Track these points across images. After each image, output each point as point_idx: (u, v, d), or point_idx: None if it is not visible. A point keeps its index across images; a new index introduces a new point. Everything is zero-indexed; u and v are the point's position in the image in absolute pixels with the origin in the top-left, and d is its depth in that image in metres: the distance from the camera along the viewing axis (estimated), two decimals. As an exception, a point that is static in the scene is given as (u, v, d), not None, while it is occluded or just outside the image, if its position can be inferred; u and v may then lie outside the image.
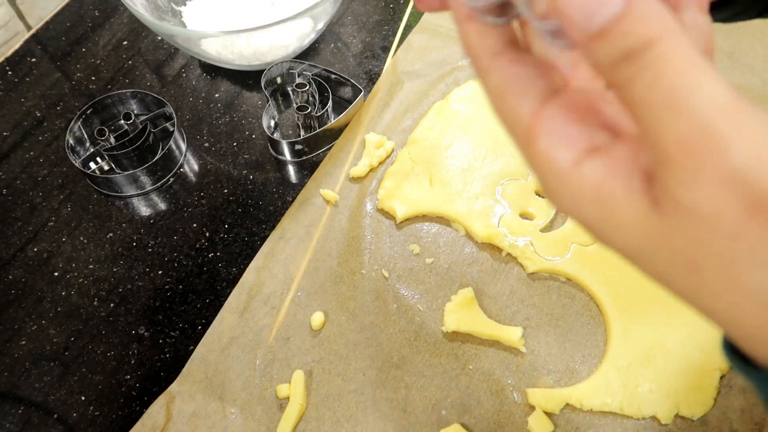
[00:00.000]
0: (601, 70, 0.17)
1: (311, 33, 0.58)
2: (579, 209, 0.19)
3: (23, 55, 0.62)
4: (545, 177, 0.19)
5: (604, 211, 0.18)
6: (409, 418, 0.40)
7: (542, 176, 0.20)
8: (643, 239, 0.17)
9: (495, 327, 0.42)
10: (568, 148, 0.19)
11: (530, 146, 0.19)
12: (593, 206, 0.18)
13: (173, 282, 0.47)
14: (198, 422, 0.40)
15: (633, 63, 0.16)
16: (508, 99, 0.20)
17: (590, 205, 0.18)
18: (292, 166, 0.53)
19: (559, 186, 0.19)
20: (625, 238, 0.18)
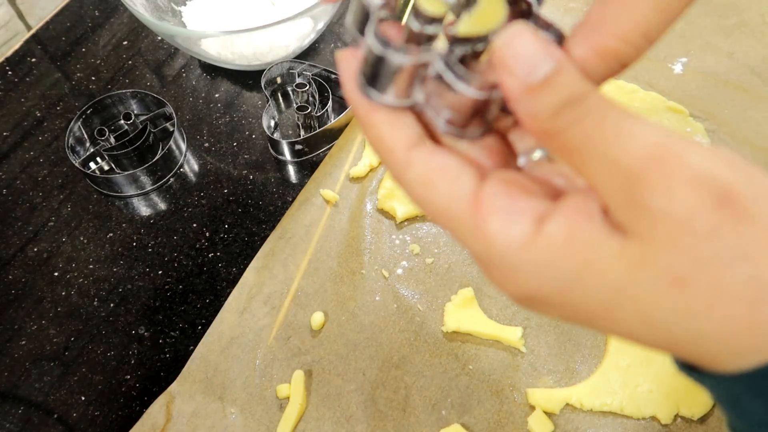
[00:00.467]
0: (540, 122, 0.18)
1: (311, 33, 0.58)
2: (552, 274, 0.18)
3: (23, 55, 0.62)
4: (504, 257, 0.19)
5: (580, 262, 0.18)
6: (409, 418, 0.39)
7: (500, 257, 0.19)
8: (626, 273, 0.17)
9: (495, 327, 0.42)
10: (523, 220, 0.18)
11: (478, 230, 0.19)
12: (568, 262, 0.18)
13: (173, 282, 0.47)
14: (198, 422, 0.40)
15: (575, 107, 0.18)
16: (440, 187, 0.19)
17: (565, 262, 0.18)
18: (292, 166, 0.53)
19: (523, 262, 0.18)
20: (607, 281, 0.18)
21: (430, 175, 0.20)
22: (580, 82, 0.18)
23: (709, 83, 0.55)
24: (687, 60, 0.57)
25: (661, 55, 0.57)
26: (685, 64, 0.57)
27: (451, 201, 0.19)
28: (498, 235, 0.18)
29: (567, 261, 0.18)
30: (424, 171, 0.20)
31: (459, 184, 0.19)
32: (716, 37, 0.58)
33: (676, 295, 0.17)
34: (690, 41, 0.58)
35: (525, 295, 0.19)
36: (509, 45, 0.18)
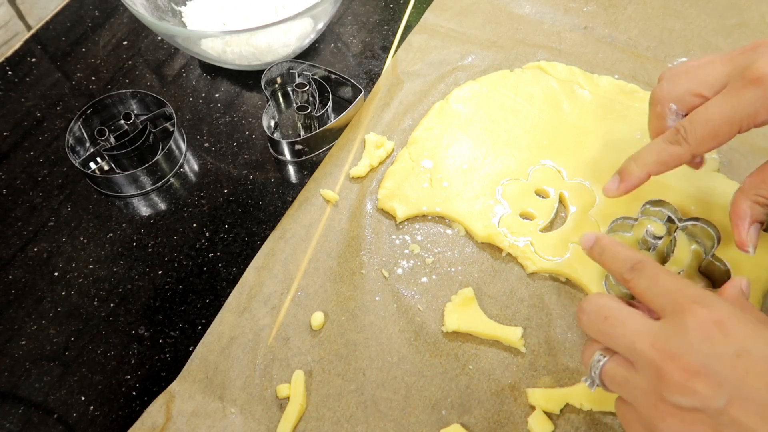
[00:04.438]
0: (618, 278, 0.35)
1: (311, 33, 0.58)
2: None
3: (23, 55, 0.62)
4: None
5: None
6: (409, 418, 0.39)
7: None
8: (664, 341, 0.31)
9: (495, 327, 0.42)
10: None
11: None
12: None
13: (173, 282, 0.47)
14: (198, 422, 0.40)
15: (635, 274, 0.34)
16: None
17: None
18: (292, 166, 0.53)
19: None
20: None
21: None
22: (632, 252, 0.36)
23: (709, 83, 0.55)
24: (687, 60, 0.57)
25: (661, 55, 0.57)
26: (685, 64, 0.57)
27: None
28: None
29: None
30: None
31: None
32: (716, 37, 0.58)
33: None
34: (690, 41, 0.58)
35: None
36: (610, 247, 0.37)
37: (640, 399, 0.30)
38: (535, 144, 0.51)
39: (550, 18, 0.61)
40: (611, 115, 0.52)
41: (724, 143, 0.37)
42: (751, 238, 0.39)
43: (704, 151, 0.38)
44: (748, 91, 0.35)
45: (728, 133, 0.36)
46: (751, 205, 0.38)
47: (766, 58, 0.34)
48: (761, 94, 0.34)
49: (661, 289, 0.32)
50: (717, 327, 0.28)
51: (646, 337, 0.30)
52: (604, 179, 0.48)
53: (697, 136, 0.37)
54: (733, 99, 0.35)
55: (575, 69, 0.56)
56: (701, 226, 0.43)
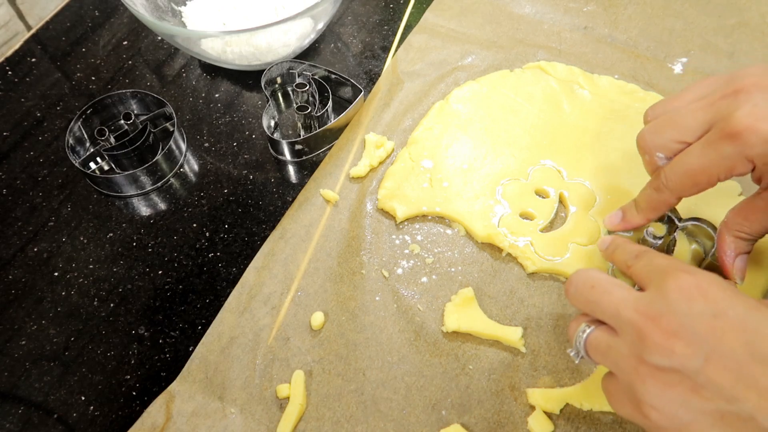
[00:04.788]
0: (623, 267, 0.37)
1: (311, 33, 0.58)
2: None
3: (23, 55, 0.62)
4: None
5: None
6: (409, 418, 0.39)
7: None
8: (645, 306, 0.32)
9: (495, 327, 0.42)
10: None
11: None
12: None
13: (173, 282, 0.47)
14: (198, 422, 0.40)
15: (636, 260, 0.35)
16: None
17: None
18: (292, 166, 0.53)
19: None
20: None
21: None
22: (631, 246, 0.38)
23: (709, 83, 0.55)
24: (687, 60, 0.57)
25: (661, 55, 0.57)
26: (685, 64, 0.57)
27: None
28: None
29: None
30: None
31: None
32: (716, 37, 0.58)
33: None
34: (690, 41, 0.58)
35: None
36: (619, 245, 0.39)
37: (622, 364, 0.31)
38: (535, 144, 0.51)
39: (550, 18, 0.61)
40: (611, 115, 0.52)
41: (706, 189, 0.38)
42: (738, 270, 0.40)
43: (687, 195, 0.39)
44: (725, 145, 0.35)
45: (708, 183, 0.37)
46: (734, 240, 0.40)
47: (744, 109, 0.34)
48: (737, 149, 0.34)
49: (654, 266, 0.33)
50: (696, 289, 0.30)
51: (630, 303, 0.31)
52: (604, 179, 0.48)
53: (678, 184, 0.38)
54: (710, 151, 0.36)
55: (575, 69, 0.56)
56: (701, 227, 0.43)
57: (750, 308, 0.29)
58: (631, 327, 0.30)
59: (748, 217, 0.39)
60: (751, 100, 0.34)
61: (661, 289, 0.30)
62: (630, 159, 0.49)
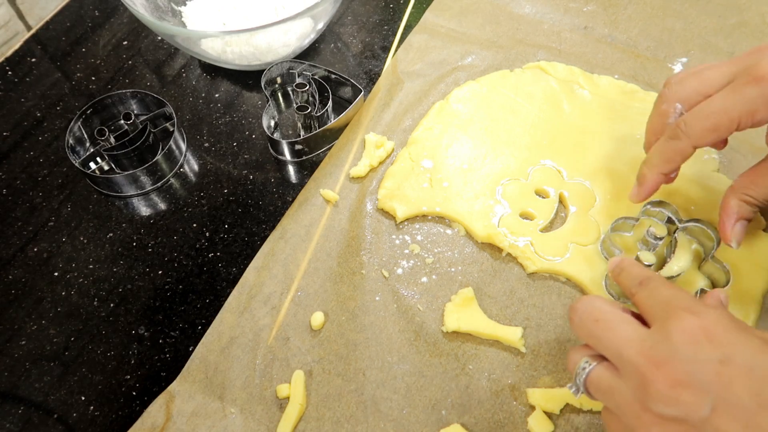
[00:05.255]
0: (628, 293, 0.35)
1: (311, 33, 0.58)
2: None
3: (23, 55, 0.62)
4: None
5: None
6: (409, 418, 0.39)
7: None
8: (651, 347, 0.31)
9: (495, 327, 0.42)
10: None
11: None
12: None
13: (173, 282, 0.47)
14: (198, 422, 0.40)
15: (640, 288, 0.34)
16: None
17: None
18: (292, 166, 0.53)
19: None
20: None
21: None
22: (639, 269, 0.36)
23: (709, 83, 0.55)
24: (687, 60, 0.57)
25: (661, 55, 0.57)
26: (685, 64, 0.57)
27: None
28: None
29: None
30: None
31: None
32: (716, 37, 0.58)
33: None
34: (690, 41, 0.58)
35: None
36: (626, 266, 0.37)
37: (625, 408, 0.30)
38: (535, 144, 0.51)
39: (550, 18, 0.61)
40: (611, 115, 0.52)
41: (724, 137, 0.38)
42: (735, 234, 0.40)
43: (705, 144, 0.38)
44: (750, 88, 0.36)
45: (728, 128, 0.37)
46: (739, 203, 0.40)
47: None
48: (761, 92, 0.35)
49: (658, 298, 0.32)
50: (702, 333, 0.28)
51: (635, 343, 0.30)
52: (604, 179, 0.48)
53: (698, 128, 0.38)
54: (734, 94, 0.36)
55: (575, 69, 0.56)
56: (701, 227, 0.43)
57: (757, 351, 0.28)
58: (634, 371, 0.29)
59: (756, 180, 0.39)
60: None
61: (666, 330, 0.29)
62: (630, 159, 0.49)
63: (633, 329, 0.31)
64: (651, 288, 0.33)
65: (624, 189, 0.48)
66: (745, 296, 0.42)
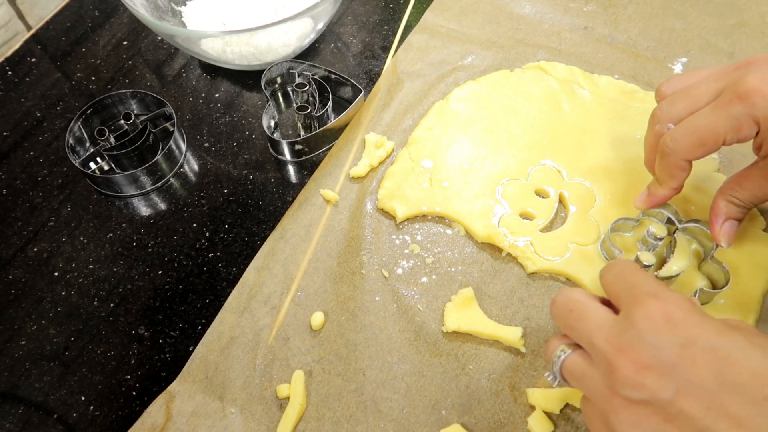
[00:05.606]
0: (600, 280, 0.35)
1: (311, 33, 0.58)
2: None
3: (23, 55, 0.62)
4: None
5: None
6: (409, 418, 0.40)
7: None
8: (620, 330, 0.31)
9: (495, 327, 0.42)
10: None
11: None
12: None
13: (173, 282, 0.47)
14: (198, 422, 0.40)
15: (607, 272, 0.35)
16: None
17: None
18: (292, 166, 0.53)
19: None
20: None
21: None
22: (619, 260, 0.36)
23: (709, 83, 0.55)
24: (687, 60, 0.57)
25: (661, 55, 0.57)
26: (685, 64, 0.57)
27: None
28: None
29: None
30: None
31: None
32: (716, 37, 0.58)
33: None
34: (690, 41, 0.58)
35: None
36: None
37: (597, 394, 0.31)
38: (535, 144, 0.51)
39: (550, 18, 0.61)
40: (611, 115, 0.52)
41: (711, 152, 0.38)
42: (725, 233, 0.41)
43: (692, 157, 0.39)
44: (734, 105, 0.36)
45: (714, 143, 0.38)
46: (727, 204, 0.41)
47: (755, 74, 0.36)
48: (745, 109, 0.36)
49: (623, 283, 0.33)
50: (664, 318, 0.29)
51: (603, 332, 0.31)
52: (604, 179, 0.48)
53: (685, 144, 0.39)
54: (719, 111, 0.37)
55: (575, 69, 0.56)
56: (701, 228, 0.43)
57: (719, 333, 0.29)
58: (602, 358, 0.30)
59: (742, 183, 0.40)
60: (762, 68, 0.36)
61: (630, 316, 0.30)
62: (630, 159, 0.49)
63: (603, 317, 0.32)
64: (616, 272, 0.34)
65: (624, 189, 0.48)
66: (745, 296, 0.42)
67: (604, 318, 0.32)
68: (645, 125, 0.44)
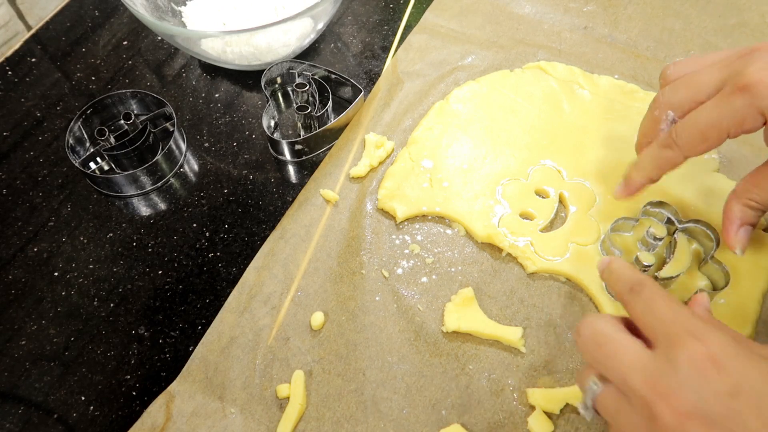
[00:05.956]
0: (619, 299, 0.34)
1: (311, 33, 0.58)
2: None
3: (23, 55, 0.62)
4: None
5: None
6: (409, 418, 0.40)
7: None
8: (656, 369, 0.30)
9: (495, 327, 0.42)
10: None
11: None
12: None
13: (173, 282, 0.47)
14: (198, 422, 0.40)
15: (633, 296, 0.33)
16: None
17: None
18: (292, 166, 0.53)
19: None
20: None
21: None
22: (633, 273, 0.34)
23: (709, 83, 0.55)
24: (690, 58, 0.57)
25: (661, 55, 0.57)
26: (685, 64, 0.57)
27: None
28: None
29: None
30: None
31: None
32: (716, 37, 0.58)
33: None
34: (690, 41, 0.58)
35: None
36: (615, 267, 0.36)
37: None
38: (535, 144, 0.51)
39: (550, 18, 0.61)
40: (611, 115, 0.52)
41: (715, 147, 0.38)
42: (740, 240, 0.40)
43: (695, 153, 0.39)
44: (737, 98, 0.35)
45: (717, 138, 0.37)
46: (742, 208, 0.39)
47: (757, 65, 0.35)
48: (748, 101, 0.35)
49: (656, 316, 0.31)
50: (710, 362, 0.28)
51: (639, 372, 0.29)
52: (604, 179, 0.48)
53: (687, 139, 0.38)
54: (722, 105, 0.36)
55: (575, 69, 0.56)
56: (701, 228, 0.43)
57: (766, 378, 0.27)
58: (640, 401, 0.29)
59: (760, 183, 0.39)
60: (765, 57, 0.35)
61: (670, 357, 0.28)
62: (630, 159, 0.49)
63: (636, 354, 0.30)
64: (646, 300, 0.32)
65: (624, 189, 0.48)
66: (745, 296, 0.42)
67: (638, 355, 0.30)
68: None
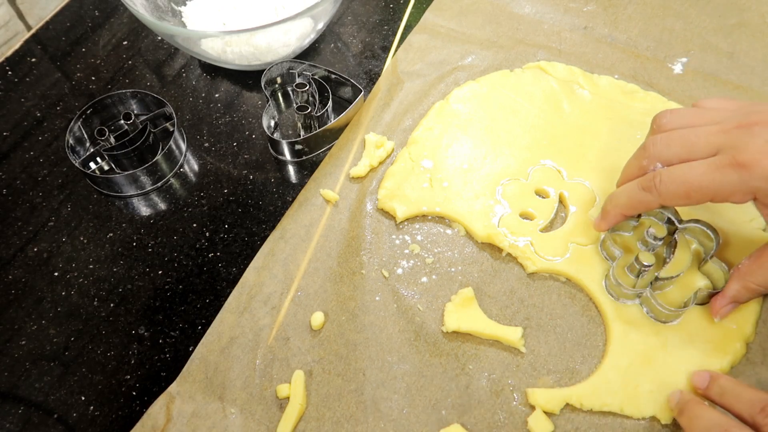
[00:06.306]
0: (749, 421, 0.34)
1: (311, 33, 0.58)
2: None
3: (23, 55, 0.62)
4: None
5: None
6: (409, 418, 0.40)
7: None
8: None
9: (495, 327, 0.42)
10: None
11: None
12: None
13: (173, 282, 0.47)
14: (198, 422, 0.40)
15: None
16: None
17: None
18: (292, 166, 0.53)
19: None
20: None
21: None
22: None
23: (709, 83, 0.55)
24: (687, 60, 0.57)
25: (661, 55, 0.57)
26: (685, 64, 0.57)
27: None
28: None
29: None
30: None
31: None
32: (716, 37, 0.58)
33: None
34: (690, 41, 0.58)
35: None
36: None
37: None
38: (535, 144, 0.51)
39: (550, 18, 0.61)
40: (611, 115, 0.52)
41: (693, 205, 0.38)
42: (723, 314, 0.41)
43: (673, 205, 0.39)
44: (732, 171, 0.35)
45: (700, 200, 0.37)
46: (741, 289, 0.40)
47: (757, 143, 0.35)
48: (744, 178, 0.35)
49: None
50: None
51: None
52: (604, 179, 0.48)
53: (671, 191, 0.38)
54: (715, 173, 0.36)
55: (575, 69, 0.56)
56: (701, 228, 0.43)
57: None
58: None
59: (764, 265, 0.39)
60: (765, 135, 0.35)
61: None
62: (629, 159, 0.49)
63: None
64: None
65: (624, 189, 0.48)
66: (745, 296, 0.42)
67: None
68: (645, 125, 0.44)
